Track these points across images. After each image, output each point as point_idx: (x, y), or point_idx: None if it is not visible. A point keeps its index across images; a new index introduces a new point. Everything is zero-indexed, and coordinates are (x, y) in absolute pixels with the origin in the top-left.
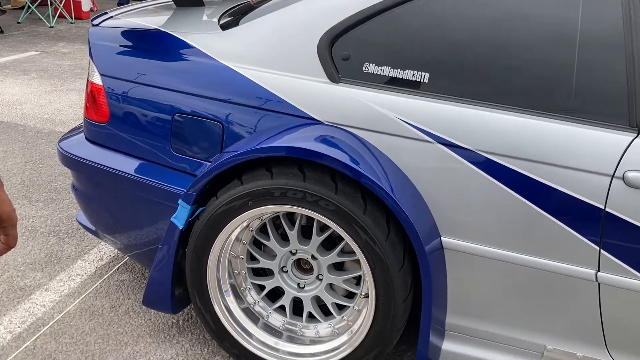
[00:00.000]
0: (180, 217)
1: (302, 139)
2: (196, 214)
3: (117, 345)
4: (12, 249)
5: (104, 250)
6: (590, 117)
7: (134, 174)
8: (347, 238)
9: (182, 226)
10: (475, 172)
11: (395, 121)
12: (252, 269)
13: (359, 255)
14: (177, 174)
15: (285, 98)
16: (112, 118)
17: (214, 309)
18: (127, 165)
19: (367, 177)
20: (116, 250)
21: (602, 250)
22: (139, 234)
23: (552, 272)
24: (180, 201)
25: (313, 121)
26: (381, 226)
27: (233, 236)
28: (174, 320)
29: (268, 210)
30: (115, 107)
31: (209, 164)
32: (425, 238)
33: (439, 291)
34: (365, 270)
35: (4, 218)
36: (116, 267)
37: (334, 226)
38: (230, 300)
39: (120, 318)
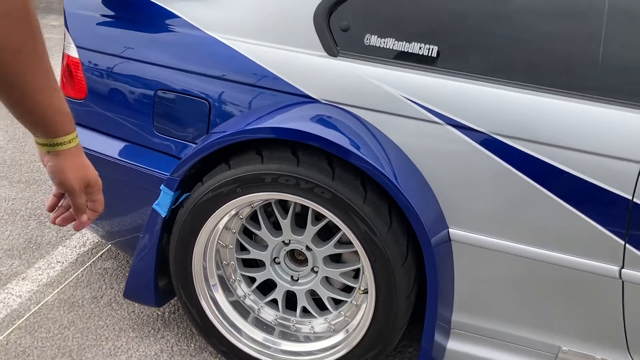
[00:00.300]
0: (162, 204)
1: (295, 119)
2: (180, 200)
3: (97, 340)
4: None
5: (87, 235)
6: (618, 97)
7: (113, 156)
8: (345, 229)
9: (164, 214)
10: (488, 157)
11: (400, 100)
12: (242, 259)
13: (358, 247)
14: (160, 157)
15: (277, 73)
16: (90, 94)
17: (200, 302)
18: (105, 146)
19: (367, 162)
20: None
21: (627, 245)
22: (121, 221)
23: (570, 268)
24: (162, 187)
25: (308, 99)
26: (383, 216)
27: (221, 225)
28: (159, 313)
29: (258, 197)
30: (94, 83)
31: (195, 145)
32: (431, 229)
33: (446, 286)
34: (365, 263)
35: (92, 183)
36: (99, 253)
37: (331, 216)
38: (218, 293)
39: (101, 310)
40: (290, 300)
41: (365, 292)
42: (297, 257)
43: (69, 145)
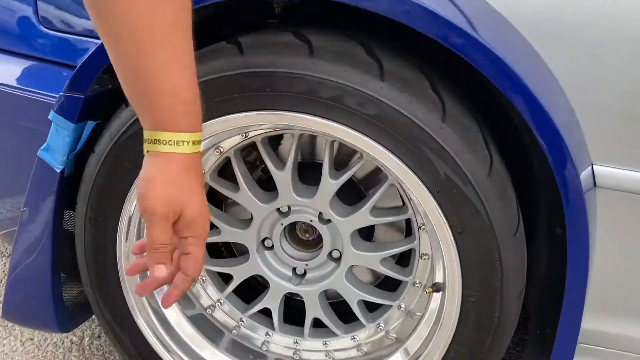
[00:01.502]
0: (55, 147)
1: None
2: (84, 138)
3: None
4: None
5: None
6: None
7: None
8: (399, 175)
9: (60, 165)
10: None
11: None
12: (208, 245)
13: (426, 208)
14: (55, 71)
15: None
16: None
17: (135, 322)
18: None
19: (452, 26)
20: None
21: None
22: (5, 194)
23: None
24: (52, 115)
25: None
26: (478, 146)
27: None
28: (73, 339)
29: (229, 128)
30: None
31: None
32: (577, 164)
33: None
34: (442, 237)
35: (186, 219)
36: None
37: (369, 153)
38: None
39: None
40: (291, 312)
41: (437, 289)
42: (302, 237)
43: (176, 149)
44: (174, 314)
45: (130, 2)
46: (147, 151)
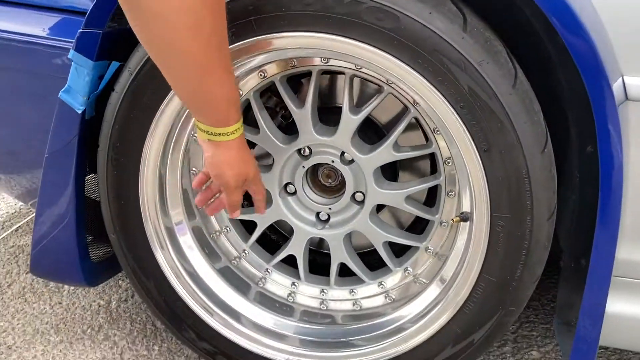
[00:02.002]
0: (76, 88)
1: None
2: (105, 79)
3: None
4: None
5: (0, 205)
6: None
7: None
8: (421, 93)
9: (81, 106)
10: None
11: None
12: None
13: (451, 129)
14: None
15: None
16: None
17: (159, 268)
18: None
19: None
20: (17, 202)
21: None
22: (28, 152)
23: None
24: (72, 53)
25: None
26: (502, 58)
27: (184, 127)
28: (100, 303)
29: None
30: None
31: None
32: (609, 74)
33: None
34: (467, 159)
35: (250, 179)
36: (14, 227)
37: (389, 71)
38: (194, 254)
39: (6, 304)
40: (317, 263)
41: (465, 219)
42: (324, 183)
43: (231, 137)
44: (200, 264)
45: (188, 43)
46: (208, 139)
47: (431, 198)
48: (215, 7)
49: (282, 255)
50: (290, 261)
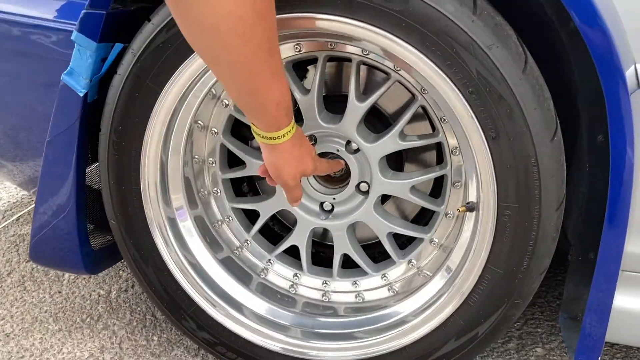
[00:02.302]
0: (78, 70)
1: None
2: (108, 62)
3: None
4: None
5: (1, 194)
6: None
7: None
8: (428, 77)
9: (83, 89)
10: None
11: None
12: (232, 182)
13: (459, 116)
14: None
15: None
16: None
17: (160, 256)
18: None
19: None
20: (19, 191)
21: None
22: (34, 142)
23: None
24: (75, 35)
25: None
26: (511, 42)
27: (187, 112)
28: (100, 293)
29: None
30: None
31: None
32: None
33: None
34: (475, 147)
35: (308, 173)
36: (15, 216)
37: (395, 55)
38: (196, 243)
39: (5, 292)
40: (320, 256)
41: (471, 209)
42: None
43: (284, 139)
44: (201, 254)
45: (239, 51)
46: (262, 142)
47: (437, 189)
48: (265, 14)
49: (285, 245)
50: (293, 252)
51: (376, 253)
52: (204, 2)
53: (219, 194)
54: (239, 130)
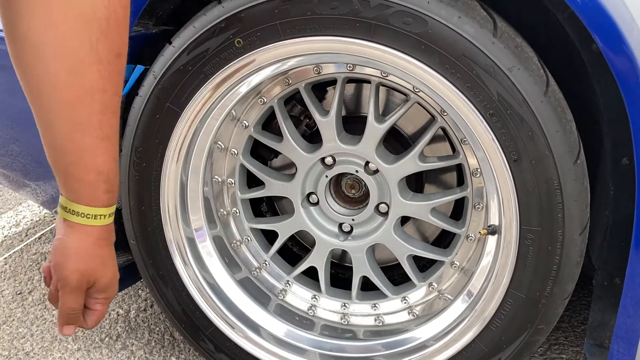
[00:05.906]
0: None
1: None
2: (130, 83)
3: (11, 357)
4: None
5: (25, 213)
6: None
7: None
8: (448, 100)
9: None
10: None
11: None
12: (251, 202)
13: (479, 140)
14: None
15: None
16: None
17: (179, 277)
18: None
19: None
20: (42, 210)
21: None
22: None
23: None
24: None
25: None
26: (532, 63)
27: (207, 133)
28: (119, 312)
29: (269, 61)
30: None
31: None
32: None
33: None
34: (495, 169)
35: (99, 288)
36: (37, 235)
37: (416, 77)
38: (214, 262)
39: (26, 311)
40: (338, 277)
41: (493, 232)
42: (347, 194)
43: (91, 222)
44: (219, 274)
45: (62, 87)
46: (63, 219)
47: (458, 211)
48: (106, 56)
49: (303, 266)
50: (312, 274)
51: (396, 275)
52: (32, 15)
53: (238, 214)
54: (257, 150)
